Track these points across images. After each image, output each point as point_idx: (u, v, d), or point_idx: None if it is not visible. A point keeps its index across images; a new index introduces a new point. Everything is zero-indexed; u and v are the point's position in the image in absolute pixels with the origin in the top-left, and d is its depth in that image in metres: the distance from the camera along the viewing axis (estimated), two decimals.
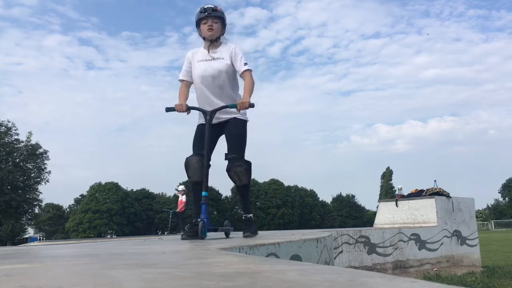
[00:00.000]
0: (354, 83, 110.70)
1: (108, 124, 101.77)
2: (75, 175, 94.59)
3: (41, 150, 37.13)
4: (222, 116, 3.58)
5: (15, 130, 36.25)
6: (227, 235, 3.73)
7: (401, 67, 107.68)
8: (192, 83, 3.69)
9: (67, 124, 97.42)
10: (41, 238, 60.24)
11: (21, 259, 1.83)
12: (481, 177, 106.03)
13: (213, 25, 3.54)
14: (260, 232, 4.17)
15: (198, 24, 3.61)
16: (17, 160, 36.57)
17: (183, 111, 3.46)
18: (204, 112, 3.48)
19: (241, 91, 3.63)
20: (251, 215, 3.64)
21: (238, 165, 3.45)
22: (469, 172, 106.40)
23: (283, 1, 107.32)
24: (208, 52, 3.61)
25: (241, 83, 3.67)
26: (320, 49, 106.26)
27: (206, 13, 3.53)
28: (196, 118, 3.72)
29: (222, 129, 3.61)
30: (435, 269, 7.88)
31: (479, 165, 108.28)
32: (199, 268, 1.21)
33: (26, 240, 54.00)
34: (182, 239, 3.38)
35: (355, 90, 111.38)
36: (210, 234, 3.41)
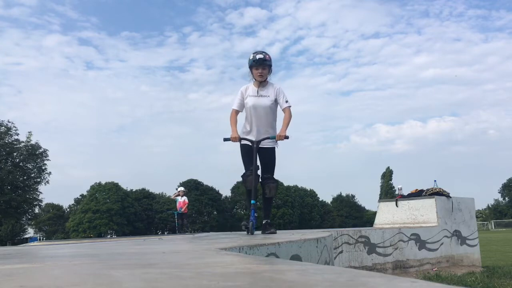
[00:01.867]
0: (354, 83, 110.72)
1: (108, 124, 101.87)
2: (75, 175, 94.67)
3: (41, 150, 37.11)
4: (260, 145, 4.56)
5: (15, 130, 36.29)
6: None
7: (400, 67, 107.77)
8: (240, 111, 4.68)
9: (67, 124, 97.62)
10: (41, 238, 60.22)
11: (21, 259, 1.83)
12: (481, 177, 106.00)
13: (262, 72, 4.53)
14: (260, 232, 4.43)
15: (251, 66, 4.57)
16: (17, 160, 36.55)
17: (237, 142, 4.53)
18: (251, 142, 4.50)
19: (279, 121, 4.68)
20: (269, 220, 4.64)
21: (271, 182, 4.58)
22: (469, 172, 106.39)
23: (283, 1, 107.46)
24: (257, 89, 4.61)
25: (279, 114, 4.71)
26: (320, 49, 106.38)
27: (257, 63, 4.50)
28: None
29: (258, 152, 4.57)
30: (435, 269, 7.88)
31: (479, 165, 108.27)
32: (199, 268, 1.21)
33: (26, 240, 53.98)
34: (242, 225, 4.68)
35: (354, 90, 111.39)
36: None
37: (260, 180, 4.57)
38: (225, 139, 4.55)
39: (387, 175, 73.40)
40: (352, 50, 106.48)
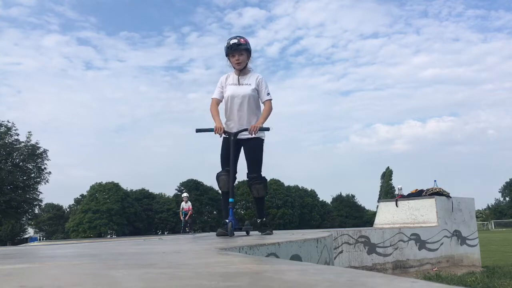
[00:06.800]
0: (353, 83, 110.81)
1: (107, 124, 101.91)
2: (75, 175, 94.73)
3: (40, 150, 37.10)
4: (243, 134, 4.13)
5: (15, 130, 36.26)
6: (247, 233, 4.25)
7: (399, 67, 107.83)
8: (221, 101, 4.29)
9: (67, 124, 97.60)
10: (41, 238, 60.24)
11: (21, 259, 1.83)
12: (481, 177, 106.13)
13: (239, 58, 4.13)
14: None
15: (227, 54, 4.20)
16: (17, 160, 36.54)
17: (221, 133, 4.01)
18: (229, 134, 4.06)
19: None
20: (264, 218, 4.46)
21: (257, 183, 4.16)
22: (469, 172, 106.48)
23: (282, 1, 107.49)
24: (238, 78, 4.25)
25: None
26: (319, 49, 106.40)
27: (233, 50, 4.11)
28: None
29: (242, 145, 4.19)
30: (435, 269, 7.88)
31: (479, 165, 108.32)
32: (199, 268, 1.21)
33: (26, 240, 53.99)
34: (217, 235, 3.99)
35: (354, 90, 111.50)
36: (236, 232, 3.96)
37: (247, 179, 4.20)
38: (199, 130, 4.08)
39: (387, 175, 73.37)
40: (351, 50, 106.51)
